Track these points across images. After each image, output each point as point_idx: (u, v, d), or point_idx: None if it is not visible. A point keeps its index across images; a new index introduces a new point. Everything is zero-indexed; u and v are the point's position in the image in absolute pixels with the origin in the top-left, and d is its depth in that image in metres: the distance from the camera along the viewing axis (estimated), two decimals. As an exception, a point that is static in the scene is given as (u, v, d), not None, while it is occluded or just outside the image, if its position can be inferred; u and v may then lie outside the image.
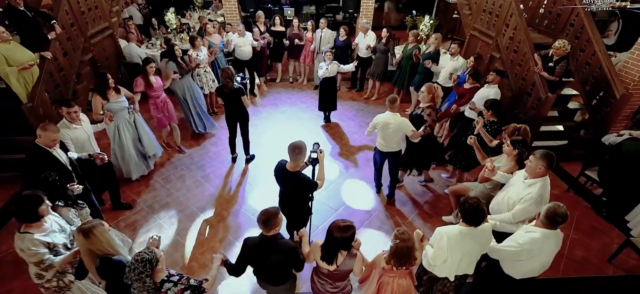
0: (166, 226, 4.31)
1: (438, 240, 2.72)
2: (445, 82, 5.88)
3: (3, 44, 4.41)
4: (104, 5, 6.29)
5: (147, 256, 2.14)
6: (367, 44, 7.04)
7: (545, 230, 2.63)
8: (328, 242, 2.57)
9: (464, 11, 7.47)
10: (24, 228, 2.58)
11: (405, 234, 2.58)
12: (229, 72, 4.72)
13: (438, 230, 2.77)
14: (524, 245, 2.66)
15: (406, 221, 4.49)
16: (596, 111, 5.55)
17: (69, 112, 3.69)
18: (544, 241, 2.64)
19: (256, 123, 6.42)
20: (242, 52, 6.93)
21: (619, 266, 4.00)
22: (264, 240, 2.53)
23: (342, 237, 2.48)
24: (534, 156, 2.98)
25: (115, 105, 4.43)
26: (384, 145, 4.29)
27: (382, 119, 4.10)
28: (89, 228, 2.32)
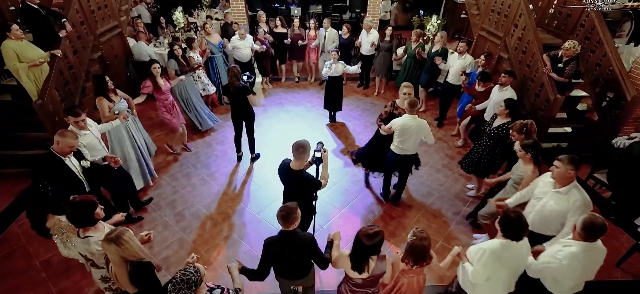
0: (172, 223, 4.35)
1: (479, 256, 2.56)
2: (456, 80, 5.90)
3: (15, 41, 4.50)
4: (113, 4, 6.37)
5: (193, 277, 2.04)
6: (370, 41, 7.09)
7: (585, 243, 2.49)
8: (358, 252, 2.49)
9: (472, 11, 7.40)
10: (83, 233, 2.60)
11: (424, 232, 2.58)
12: (236, 70, 4.74)
13: (478, 246, 2.63)
14: (563, 259, 2.50)
15: (412, 222, 4.47)
16: (606, 113, 5.46)
17: (77, 121, 3.56)
18: (585, 255, 2.48)
19: (262, 122, 6.45)
20: (242, 55, 6.86)
21: (627, 270, 3.94)
22: (284, 236, 2.57)
23: (372, 244, 2.41)
24: (562, 162, 2.90)
25: (120, 105, 4.38)
26: (402, 148, 4.20)
27: (400, 123, 4.04)
28: (118, 236, 2.29)
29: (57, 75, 4.86)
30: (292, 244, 2.58)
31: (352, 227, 4.35)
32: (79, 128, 3.61)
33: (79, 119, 3.57)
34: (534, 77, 5.54)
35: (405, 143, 4.14)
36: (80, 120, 3.58)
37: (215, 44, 6.63)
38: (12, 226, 4.26)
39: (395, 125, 4.10)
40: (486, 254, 2.52)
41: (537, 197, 3.13)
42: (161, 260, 3.87)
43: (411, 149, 4.23)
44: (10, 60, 4.48)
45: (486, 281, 2.59)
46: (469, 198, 4.87)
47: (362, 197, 4.88)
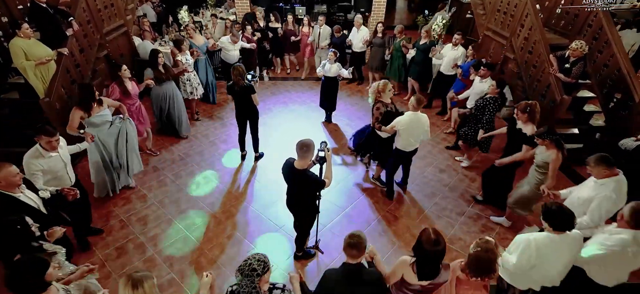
0: (176, 221, 4.38)
1: (523, 246, 2.55)
2: (448, 70, 6.34)
3: (24, 39, 4.55)
4: (119, 3, 6.42)
5: (264, 260, 2.19)
6: (361, 38, 7.30)
7: (634, 230, 2.52)
8: (426, 259, 2.26)
9: (477, 11, 7.35)
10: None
11: (490, 243, 2.30)
12: (240, 69, 4.75)
13: (522, 237, 2.62)
14: (613, 246, 2.53)
15: (415, 221, 4.46)
16: (613, 114, 5.39)
17: (50, 141, 3.18)
18: (635, 243, 2.51)
19: (266, 121, 6.46)
20: (230, 56, 6.84)
21: (635, 273, 3.87)
22: (349, 270, 2.27)
23: (439, 249, 2.19)
24: (591, 166, 3.00)
25: (97, 118, 4.10)
26: (410, 144, 4.30)
27: (407, 120, 4.10)
28: (140, 279, 2.06)
29: (64, 73, 4.91)
30: (358, 282, 2.27)
31: (355, 227, 4.35)
32: (49, 149, 3.23)
33: (53, 139, 3.19)
34: (540, 78, 5.49)
35: (411, 138, 4.23)
36: (54, 140, 3.21)
37: (200, 45, 6.50)
38: (19, 222, 4.30)
39: (400, 124, 4.12)
40: (532, 245, 2.53)
41: (579, 187, 3.22)
42: (164, 258, 3.90)
43: (417, 142, 4.35)
44: (18, 58, 4.53)
45: (531, 269, 2.59)
46: (471, 198, 4.84)
47: (366, 197, 4.87)
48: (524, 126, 3.89)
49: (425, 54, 6.66)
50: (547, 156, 3.53)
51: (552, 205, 2.55)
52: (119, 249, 3.97)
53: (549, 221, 2.52)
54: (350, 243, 2.24)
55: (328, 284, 2.33)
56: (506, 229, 4.33)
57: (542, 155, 3.60)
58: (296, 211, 3.52)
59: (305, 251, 3.92)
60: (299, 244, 3.83)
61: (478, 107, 4.87)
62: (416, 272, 2.29)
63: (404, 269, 2.37)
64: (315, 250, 3.98)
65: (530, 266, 2.57)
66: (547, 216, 2.53)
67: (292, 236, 3.96)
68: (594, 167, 2.98)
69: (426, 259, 2.26)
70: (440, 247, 2.19)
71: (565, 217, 2.46)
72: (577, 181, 5.11)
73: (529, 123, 3.85)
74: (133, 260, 3.85)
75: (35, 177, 3.15)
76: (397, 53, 7.05)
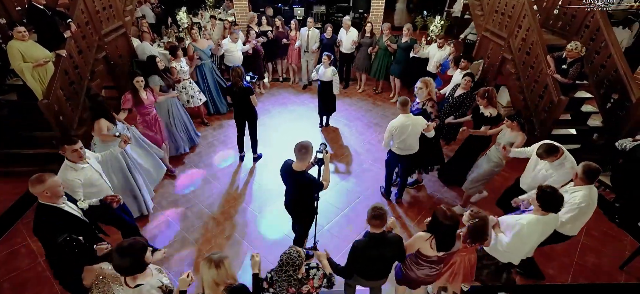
0: (174, 223, 4.38)
1: (517, 229, 2.84)
2: (435, 70, 6.40)
3: (21, 41, 4.55)
4: (118, 4, 6.41)
5: (297, 261, 2.32)
6: (350, 40, 7.24)
7: (589, 186, 3.04)
8: (444, 232, 2.59)
9: (475, 12, 7.37)
10: (133, 281, 2.28)
11: (480, 213, 2.72)
12: (239, 71, 4.76)
13: (515, 219, 2.93)
14: (581, 203, 3.01)
15: (414, 222, 4.47)
16: (611, 115, 5.41)
17: (75, 149, 3.08)
18: (593, 193, 3.06)
19: (264, 122, 6.47)
20: (233, 58, 6.60)
21: (631, 273, 3.91)
22: (374, 238, 2.64)
23: (454, 223, 2.55)
24: (543, 157, 3.43)
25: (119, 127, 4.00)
26: (402, 148, 4.23)
27: (398, 124, 4.07)
28: (219, 259, 2.21)
29: (62, 75, 4.90)
30: (383, 245, 2.66)
31: (354, 228, 4.36)
32: (75, 160, 3.12)
33: (77, 147, 3.09)
34: (538, 79, 5.51)
35: (405, 142, 4.17)
36: (78, 148, 3.10)
37: (203, 49, 6.27)
38: (17, 224, 4.31)
39: (393, 127, 4.10)
40: (524, 228, 2.81)
41: (537, 163, 3.62)
42: (163, 259, 3.89)
43: (414, 146, 4.27)
44: (16, 60, 4.53)
45: (516, 249, 2.93)
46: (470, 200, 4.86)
47: (364, 198, 4.88)
48: (485, 110, 4.36)
49: (406, 52, 6.79)
50: (513, 137, 3.94)
51: (547, 188, 2.77)
52: (117, 251, 3.97)
53: (541, 202, 2.77)
54: (374, 214, 2.55)
55: (357, 251, 2.67)
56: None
57: (508, 136, 3.99)
58: (294, 212, 3.53)
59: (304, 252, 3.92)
60: (298, 245, 3.83)
61: (453, 105, 5.08)
62: (436, 246, 2.63)
63: (420, 243, 2.71)
64: (313, 251, 3.99)
65: (521, 245, 2.90)
66: (542, 197, 2.76)
67: (291, 237, 3.97)
68: (545, 157, 3.43)
69: (445, 234, 2.59)
70: (455, 220, 2.54)
71: (557, 201, 2.74)
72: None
73: (489, 107, 4.34)
74: (131, 262, 3.85)
75: (77, 193, 3.08)
76: (382, 53, 7.17)
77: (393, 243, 2.70)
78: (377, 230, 2.61)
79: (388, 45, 6.99)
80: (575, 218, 3.09)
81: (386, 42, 7.00)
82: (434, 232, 2.65)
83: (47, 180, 2.64)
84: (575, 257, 4.05)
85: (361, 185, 5.11)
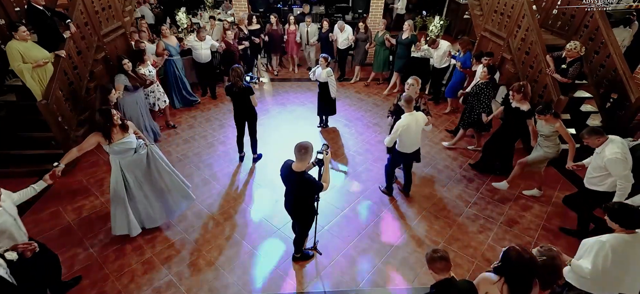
0: (174, 223, 4.37)
1: (597, 248, 2.46)
2: (440, 64, 6.85)
3: (20, 42, 4.54)
4: (117, 4, 6.41)
5: None
6: (345, 37, 7.78)
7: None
8: (519, 275, 2.13)
9: (475, 12, 7.38)
10: None
11: (554, 251, 2.27)
12: (239, 71, 4.75)
13: (592, 240, 2.54)
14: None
15: (413, 223, 4.47)
16: (610, 114, 5.42)
17: None
18: None
19: (264, 122, 6.46)
20: (198, 55, 6.87)
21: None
22: (444, 286, 2.24)
23: (531, 265, 2.11)
24: (586, 138, 3.54)
25: (118, 146, 3.54)
26: (409, 145, 4.31)
27: (405, 122, 4.14)
28: None
29: (62, 76, 4.90)
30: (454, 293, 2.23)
31: (354, 228, 4.36)
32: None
33: None
34: (537, 78, 5.51)
35: (412, 139, 4.26)
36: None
37: (173, 45, 6.60)
38: (16, 225, 4.29)
39: (401, 126, 4.15)
40: (606, 246, 2.45)
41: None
42: (163, 259, 3.89)
43: (416, 144, 4.37)
44: (15, 60, 4.53)
45: (615, 279, 2.50)
46: (469, 200, 4.86)
47: (364, 199, 4.87)
48: (519, 104, 4.54)
49: (407, 48, 7.11)
50: (551, 127, 4.13)
51: (614, 204, 2.49)
52: (116, 251, 3.96)
53: (616, 221, 2.48)
54: (440, 256, 2.20)
55: None
56: (506, 229, 4.35)
57: (546, 127, 4.19)
58: (294, 213, 3.52)
59: (304, 253, 3.92)
60: (298, 245, 3.83)
61: (473, 94, 5.32)
62: (507, 292, 2.16)
63: (486, 287, 2.24)
64: (313, 251, 3.99)
65: (607, 267, 2.46)
66: (613, 216, 2.49)
67: (291, 237, 3.97)
68: (590, 139, 3.53)
69: (520, 278, 2.13)
70: (534, 262, 2.13)
71: (631, 214, 2.39)
72: (575, 181, 5.17)
73: (525, 102, 4.51)
74: (131, 262, 3.84)
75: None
76: (380, 48, 7.50)
77: (462, 291, 2.23)
78: (443, 274, 2.21)
79: (387, 39, 7.28)
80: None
81: (385, 37, 7.29)
82: (504, 275, 2.19)
83: None
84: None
85: (361, 185, 5.10)
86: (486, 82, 5.18)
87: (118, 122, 3.50)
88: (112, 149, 3.53)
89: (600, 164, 3.51)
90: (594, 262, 2.48)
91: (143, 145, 3.79)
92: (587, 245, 2.61)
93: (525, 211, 4.65)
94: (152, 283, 3.64)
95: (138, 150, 3.71)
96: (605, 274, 2.47)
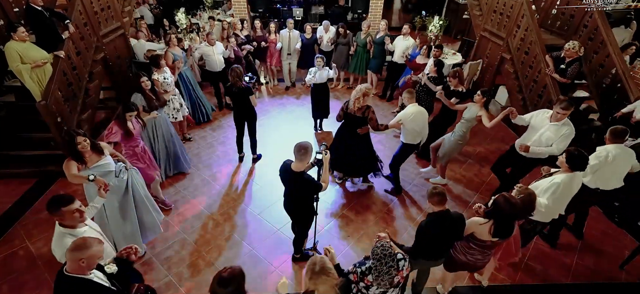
0: (173, 224, 4.37)
1: (553, 189, 3.15)
2: (400, 60, 6.80)
3: (19, 42, 4.54)
4: (116, 5, 6.41)
5: (392, 250, 2.34)
6: (329, 38, 7.48)
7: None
8: (505, 217, 2.69)
9: (474, 12, 7.39)
10: None
11: (529, 189, 2.94)
12: (238, 71, 4.75)
13: (551, 180, 3.20)
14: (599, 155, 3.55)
15: (413, 223, 4.46)
16: (609, 114, 5.42)
17: (74, 209, 2.48)
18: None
19: (264, 122, 6.46)
20: (212, 62, 6.33)
21: (631, 273, 3.91)
22: (440, 216, 2.77)
23: (518, 211, 2.71)
24: (562, 108, 3.76)
25: (96, 170, 3.19)
26: (419, 133, 4.42)
27: (412, 112, 4.27)
28: (324, 267, 2.14)
29: (61, 76, 4.89)
30: (447, 223, 2.77)
31: (353, 228, 4.35)
32: (77, 221, 2.54)
33: (76, 206, 2.50)
34: (536, 78, 5.52)
35: (417, 128, 4.35)
36: (79, 206, 2.52)
37: (180, 54, 5.95)
38: (15, 225, 4.28)
39: (406, 116, 4.27)
40: (560, 187, 3.13)
41: (533, 130, 4.02)
42: (163, 260, 3.89)
43: (423, 133, 4.50)
44: (14, 61, 4.52)
45: (552, 207, 3.21)
46: (469, 200, 4.86)
47: (363, 199, 4.87)
48: (457, 87, 4.87)
49: (382, 47, 7.03)
50: (475, 111, 4.36)
51: (575, 150, 3.10)
52: (116, 253, 3.95)
53: (571, 163, 3.12)
54: (438, 194, 2.73)
55: (422, 230, 2.80)
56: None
57: (472, 110, 4.41)
58: (294, 213, 3.52)
59: (304, 253, 3.92)
60: (297, 246, 3.83)
61: (421, 86, 5.56)
62: (493, 231, 2.73)
63: (475, 228, 2.83)
64: (313, 252, 3.98)
65: (560, 202, 3.22)
66: (570, 159, 3.11)
67: (290, 237, 3.97)
68: (558, 108, 3.78)
69: (506, 220, 2.71)
70: (518, 207, 2.71)
71: (584, 161, 3.09)
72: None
73: (460, 85, 4.89)
74: (130, 263, 3.83)
75: None
76: (361, 50, 7.36)
77: (456, 220, 2.79)
78: (440, 207, 2.73)
79: (369, 41, 7.26)
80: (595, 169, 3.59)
81: (368, 39, 7.25)
82: (493, 217, 2.73)
83: (92, 246, 2.17)
84: (575, 257, 4.05)
85: (361, 185, 5.10)
86: (434, 76, 5.40)
87: (85, 149, 3.10)
88: (87, 174, 3.11)
89: (556, 135, 3.80)
90: (551, 197, 3.17)
91: (123, 169, 3.48)
92: (541, 187, 3.26)
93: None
94: (151, 283, 3.63)
95: (118, 174, 3.38)
96: (555, 204, 3.22)
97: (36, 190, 4.81)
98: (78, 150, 3.06)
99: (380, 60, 7.32)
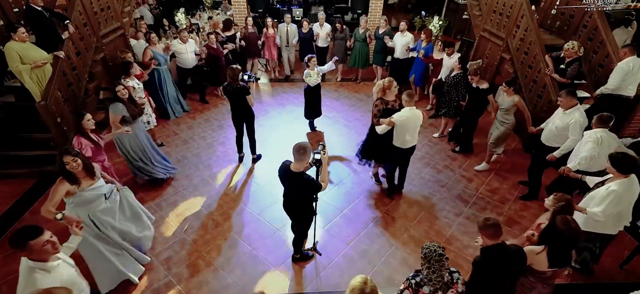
0: (173, 224, 4.37)
1: (610, 198, 2.94)
2: (402, 55, 7.11)
3: (19, 43, 4.54)
4: (116, 5, 6.41)
5: (439, 249, 2.24)
6: (325, 33, 7.76)
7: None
8: (563, 242, 2.35)
9: (474, 12, 7.39)
10: None
11: (565, 195, 2.72)
12: (235, 70, 4.74)
13: (607, 188, 3.00)
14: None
15: (413, 223, 4.46)
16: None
17: (46, 240, 2.20)
18: None
19: (263, 123, 6.46)
20: (184, 60, 6.59)
21: (631, 272, 3.91)
22: (496, 251, 2.41)
23: (576, 233, 2.37)
24: (563, 96, 3.95)
25: (90, 193, 3.06)
26: (409, 140, 4.33)
27: (404, 116, 4.12)
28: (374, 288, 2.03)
29: (60, 77, 4.90)
30: (506, 259, 2.37)
31: (353, 228, 4.35)
32: (48, 255, 2.22)
33: (47, 237, 2.21)
34: (536, 78, 5.52)
35: (407, 134, 4.25)
36: (50, 240, 2.23)
37: (161, 53, 6.21)
38: (14, 226, 4.28)
39: (398, 119, 4.12)
40: (618, 194, 2.93)
41: (547, 121, 4.30)
42: (162, 261, 3.89)
43: (414, 139, 4.38)
44: (13, 61, 4.52)
45: (618, 219, 3.11)
46: (469, 200, 4.86)
47: (363, 198, 4.87)
48: (480, 84, 5.02)
49: (383, 41, 7.29)
50: (510, 100, 4.63)
51: (617, 154, 2.93)
52: (116, 253, 3.95)
53: (618, 167, 2.92)
54: (491, 223, 2.37)
55: (481, 271, 2.45)
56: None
57: (507, 100, 4.66)
58: (293, 213, 3.52)
59: (303, 253, 3.92)
60: (297, 246, 3.83)
61: (450, 85, 5.69)
62: (549, 259, 2.38)
63: (532, 258, 2.46)
64: (313, 252, 3.98)
65: (617, 210, 3.02)
66: (615, 163, 2.93)
67: (290, 238, 3.96)
68: (566, 98, 3.94)
69: (564, 245, 2.37)
70: (579, 232, 2.37)
71: (631, 162, 2.89)
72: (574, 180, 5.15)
73: (482, 81, 5.05)
74: (130, 263, 3.83)
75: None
76: (360, 44, 7.59)
77: (514, 254, 2.37)
78: (494, 240, 2.36)
79: (369, 36, 7.56)
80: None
81: (368, 34, 7.52)
82: (548, 243, 2.39)
83: None
84: (575, 257, 4.04)
85: (360, 186, 5.10)
86: (462, 73, 5.51)
87: (78, 169, 2.95)
88: (81, 197, 2.99)
89: (565, 123, 3.94)
90: (607, 206, 2.96)
91: (115, 191, 3.38)
92: (598, 196, 3.06)
93: (524, 211, 4.65)
94: (151, 284, 3.64)
95: (109, 197, 3.27)
96: (616, 213, 3.02)
97: (36, 190, 4.82)
98: (67, 170, 2.87)
99: (384, 54, 7.64)
